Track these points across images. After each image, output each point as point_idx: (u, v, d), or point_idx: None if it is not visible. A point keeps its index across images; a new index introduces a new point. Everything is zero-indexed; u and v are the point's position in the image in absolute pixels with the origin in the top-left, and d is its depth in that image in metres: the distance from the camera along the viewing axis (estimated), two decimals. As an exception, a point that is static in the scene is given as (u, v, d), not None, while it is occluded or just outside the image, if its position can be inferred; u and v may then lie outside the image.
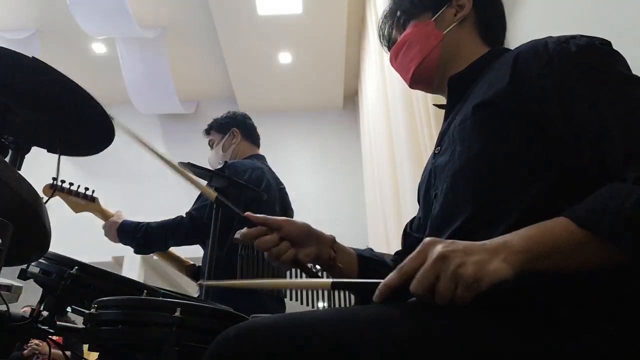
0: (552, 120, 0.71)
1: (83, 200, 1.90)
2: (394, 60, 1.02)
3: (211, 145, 2.26)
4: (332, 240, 0.94)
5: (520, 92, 0.75)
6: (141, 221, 1.95)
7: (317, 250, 0.91)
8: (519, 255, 0.59)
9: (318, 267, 0.96)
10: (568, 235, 0.60)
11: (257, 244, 0.87)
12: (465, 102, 0.86)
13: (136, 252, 1.98)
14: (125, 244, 1.96)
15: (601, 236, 0.58)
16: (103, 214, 1.96)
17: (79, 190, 1.89)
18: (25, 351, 3.29)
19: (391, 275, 0.62)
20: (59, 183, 1.82)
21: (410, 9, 0.98)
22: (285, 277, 1.20)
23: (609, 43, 0.74)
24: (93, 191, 1.92)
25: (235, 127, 2.22)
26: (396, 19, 1.01)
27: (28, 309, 1.00)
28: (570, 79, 0.70)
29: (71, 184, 1.86)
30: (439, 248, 0.60)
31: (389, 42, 1.06)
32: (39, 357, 3.37)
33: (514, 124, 0.74)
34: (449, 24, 0.95)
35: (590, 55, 0.71)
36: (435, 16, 0.95)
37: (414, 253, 0.62)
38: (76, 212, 1.92)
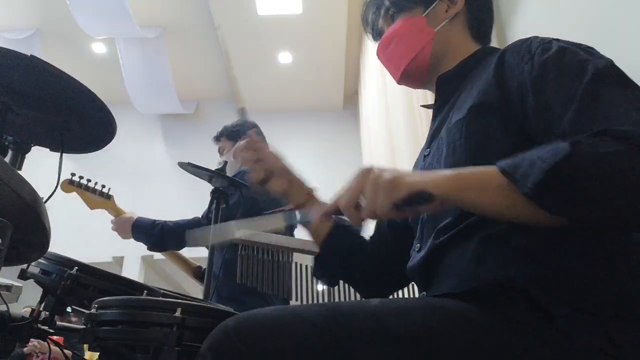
0: (529, 116, 0.70)
1: (99, 197, 1.95)
2: (381, 54, 1.00)
3: (221, 152, 2.30)
4: (309, 190, 0.96)
5: (503, 90, 0.74)
6: (157, 219, 1.99)
7: (286, 188, 0.94)
8: (445, 180, 0.63)
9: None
10: (493, 179, 0.62)
11: (236, 154, 0.94)
12: (455, 103, 0.86)
13: (149, 249, 2.02)
14: (138, 240, 2.01)
15: (514, 184, 0.59)
16: (117, 212, 2.00)
17: (96, 187, 1.94)
18: (25, 349, 3.32)
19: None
20: (77, 179, 1.87)
21: (401, 1, 0.96)
22: (290, 277, 1.21)
23: (592, 48, 0.73)
24: (109, 189, 1.95)
25: (245, 135, 2.27)
26: (384, 9, 0.99)
27: (29, 309, 1.00)
28: (547, 76, 0.70)
29: (89, 180, 1.90)
30: (367, 169, 0.64)
31: (373, 30, 1.04)
32: (38, 355, 3.41)
33: (497, 127, 0.73)
34: (441, 21, 0.93)
35: (570, 56, 0.70)
36: (427, 11, 0.93)
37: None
38: (91, 208, 1.97)
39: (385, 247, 0.99)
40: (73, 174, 1.88)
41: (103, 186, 1.96)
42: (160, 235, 1.96)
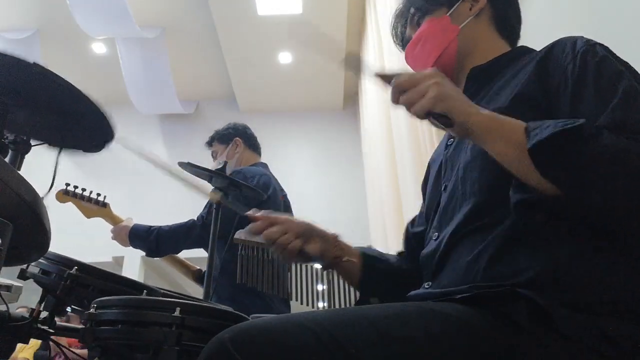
0: (562, 110, 0.72)
1: (95, 206, 1.94)
2: (409, 57, 1.01)
3: (214, 156, 2.31)
4: (335, 238, 0.95)
5: (545, 83, 0.76)
6: (152, 225, 1.99)
7: (321, 246, 0.93)
8: (479, 118, 0.68)
9: (319, 265, 0.97)
10: (518, 134, 0.65)
11: (264, 235, 0.90)
12: (485, 98, 0.86)
13: (148, 255, 2.02)
14: (136, 247, 2.00)
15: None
16: (113, 220, 2.00)
17: (91, 195, 1.93)
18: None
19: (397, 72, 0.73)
20: (72, 189, 1.87)
21: (424, 5, 0.98)
22: (289, 275, 1.20)
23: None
24: (105, 197, 1.95)
25: (237, 137, 2.28)
26: (410, 17, 1.01)
27: (23, 310, 1.00)
28: (586, 78, 0.71)
29: (84, 189, 1.89)
30: (435, 73, 0.71)
31: (403, 42, 1.05)
32: (61, 356, 3.45)
33: (532, 119, 0.73)
34: (465, 18, 0.94)
35: (610, 65, 0.72)
36: (451, 11, 0.95)
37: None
38: (88, 217, 1.96)
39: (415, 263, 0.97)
40: (67, 184, 1.87)
41: (98, 194, 1.95)
42: (157, 241, 1.95)
